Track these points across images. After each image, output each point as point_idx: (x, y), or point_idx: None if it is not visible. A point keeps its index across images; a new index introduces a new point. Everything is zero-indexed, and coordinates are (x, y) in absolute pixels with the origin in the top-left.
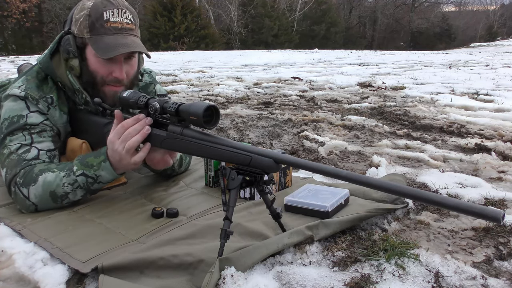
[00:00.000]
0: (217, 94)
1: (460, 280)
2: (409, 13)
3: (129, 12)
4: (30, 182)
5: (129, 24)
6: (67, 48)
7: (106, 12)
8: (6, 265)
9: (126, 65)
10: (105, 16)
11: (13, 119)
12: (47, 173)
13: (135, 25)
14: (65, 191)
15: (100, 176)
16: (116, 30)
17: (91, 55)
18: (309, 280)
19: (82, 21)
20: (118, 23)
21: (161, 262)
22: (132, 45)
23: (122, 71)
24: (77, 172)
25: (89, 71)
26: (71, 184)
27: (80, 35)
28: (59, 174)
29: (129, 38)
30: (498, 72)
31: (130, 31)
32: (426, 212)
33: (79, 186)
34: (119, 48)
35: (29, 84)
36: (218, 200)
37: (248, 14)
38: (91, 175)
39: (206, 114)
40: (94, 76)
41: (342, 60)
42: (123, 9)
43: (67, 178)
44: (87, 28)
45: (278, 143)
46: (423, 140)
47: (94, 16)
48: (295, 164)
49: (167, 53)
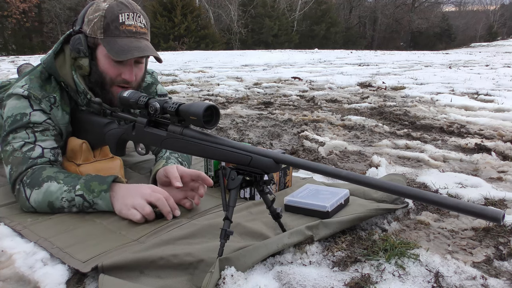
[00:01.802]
0: (217, 94)
1: (460, 280)
2: (409, 13)
3: (143, 17)
4: (35, 185)
5: (142, 28)
6: (77, 47)
7: (121, 15)
8: (6, 265)
9: (135, 67)
10: (120, 18)
11: (16, 117)
12: (53, 182)
13: (147, 29)
14: (62, 205)
15: (97, 204)
16: (130, 33)
17: (102, 55)
18: (309, 280)
19: (96, 22)
20: (133, 27)
21: (161, 262)
22: (146, 49)
23: (132, 73)
24: (78, 192)
25: (98, 71)
26: (69, 201)
27: (93, 35)
28: (63, 187)
29: (143, 42)
30: (498, 72)
31: (143, 35)
32: (426, 212)
33: (75, 205)
34: (133, 52)
35: (32, 83)
36: (218, 200)
37: (248, 14)
38: (88, 200)
39: (206, 114)
40: (103, 76)
41: (342, 60)
42: (137, 13)
43: (68, 194)
44: (101, 29)
45: (278, 143)
46: (423, 140)
47: (110, 18)
48: (295, 164)
49: (167, 53)
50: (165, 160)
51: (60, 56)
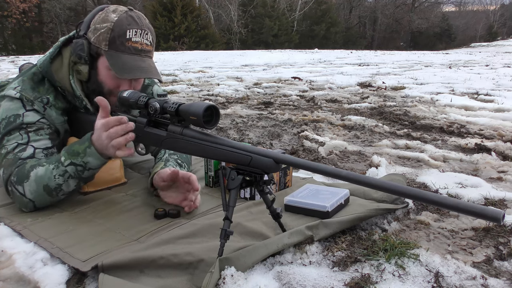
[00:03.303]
0: (217, 94)
1: (460, 280)
2: (409, 13)
3: (150, 33)
4: (23, 179)
5: (148, 46)
6: (79, 53)
7: (129, 31)
8: (6, 265)
9: (135, 82)
10: (127, 34)
11: (10, 119)
12: (37, 167)
13: (153, 47)
14: (57, 183)
15: (88, 162)
16: (135, 51)
17: (102, 66)
18: (309, 280)
19: (103, 33)
20: (139, 44)
21: (161, 261)
22: (149, 71)
23: (131, 87)
24: (65, 162)
25: (97, 81)
26: (62, 175)
27: (97, 45)
28: (49, 167)
29: (147, 61)
30: (498, 72)
31: (148, 53)
32: (426, 212)
33: (70, 176)
34: (136, 72)
35: (24, 85)
36: (218, 200)
37: (248, 14)
38: (79, 163)
39: (206, 114)
40: (102, 86)
41: (342, 60)
42: (145, 30)
43: (57, 170)
44: (107, 41)
45: (278, 143)
46: (423, 140)
47: (117, 32)
48: (295, 164)
49: (167, 53)
50: (163, 162)
51: (57, 59)
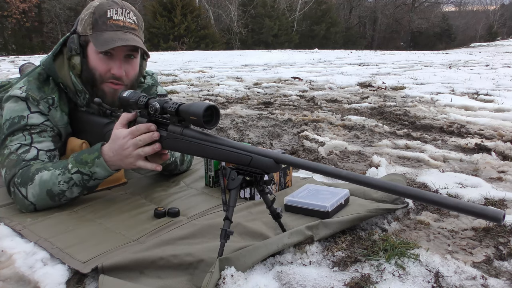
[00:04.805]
0: (217, 94)
1: (460, 280)
2: (409, 13)
3: (133, 14)
4: (27, 182)
5: (131, 24)
6: (70, 46)
7: (110, 10)
8: (6, 265)
9: (126, 64)
10: (108, 13)
11: (14, 120)
12: (43, 171)
13: (138, 27)
14: (61, 189)
15: (95, 173)
16: (117, 28)
17: (92, 51)
18: (309, 280)
19: (87, 19)
20: (121, 22)
21: (161, 262)
22: (130, 41)
23: (121, 68)
24: (72, 170)
25: (89, 68)
26: (67, 182)
27: (84, 33)
28: (55, 172)
29: (129, 35)
30: (498, 72)
31: (132, 30)
32: (426, 212)
33: (74, 184)
34: (116, 42)
35: (30, 85)
36: (218, 200)
37: (248, 14)
38: (86, 172)
39: (206, 114)
40: (93, 73)
41: (342, 60)
42: (127, 10)
43: (63, 176)
44: (90, 25)
45: (278, 143)
46: (423, 140)
47: (98, 14)
48: (295, 164)
49: (167, 53)
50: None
51: (59, 57)
